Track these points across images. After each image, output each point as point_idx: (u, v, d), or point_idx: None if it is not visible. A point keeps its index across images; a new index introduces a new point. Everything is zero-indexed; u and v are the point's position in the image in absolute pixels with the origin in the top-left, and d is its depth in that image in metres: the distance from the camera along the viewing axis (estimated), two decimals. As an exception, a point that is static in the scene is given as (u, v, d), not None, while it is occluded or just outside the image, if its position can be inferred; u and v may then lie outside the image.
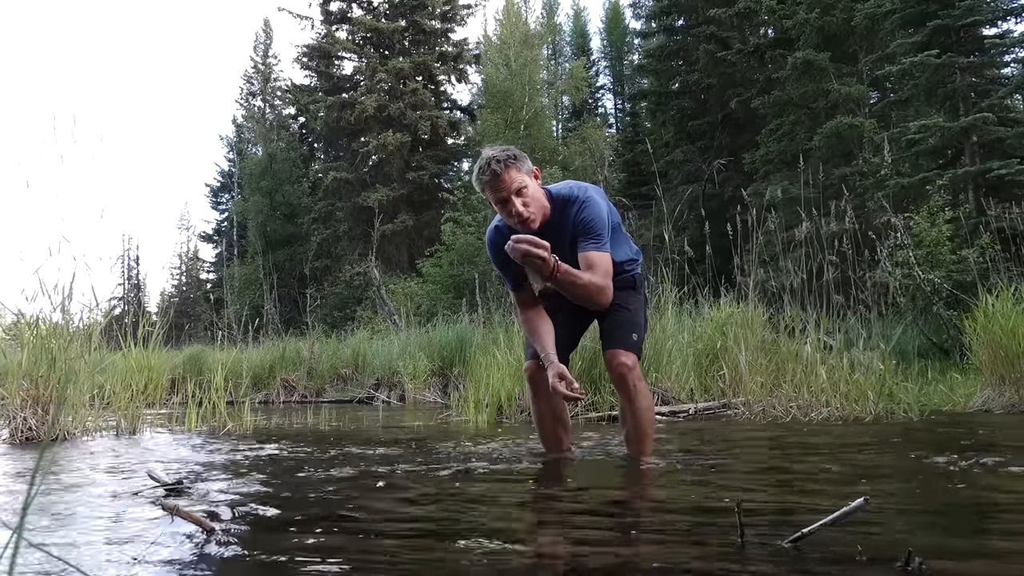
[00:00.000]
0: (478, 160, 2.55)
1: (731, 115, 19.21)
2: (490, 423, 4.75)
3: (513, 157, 2.51)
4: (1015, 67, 12.96)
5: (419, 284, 18.58)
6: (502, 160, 2.48)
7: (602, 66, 36.28)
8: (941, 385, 5.56)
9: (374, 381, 9.56)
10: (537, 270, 2.37)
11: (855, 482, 2.19)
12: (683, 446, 3.20)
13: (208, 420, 4.70)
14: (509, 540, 1.52)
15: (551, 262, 2.35)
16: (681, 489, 2.13)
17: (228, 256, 33.01)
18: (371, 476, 2.42)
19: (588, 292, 2.47)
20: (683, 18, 21.67)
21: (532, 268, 2.37)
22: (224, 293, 26.24)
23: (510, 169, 2.48)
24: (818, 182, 7.07)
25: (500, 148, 2.56)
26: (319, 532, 1.61)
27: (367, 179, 24.81)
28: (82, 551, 1.42)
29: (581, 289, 2.46)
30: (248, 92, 35.95)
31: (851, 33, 14.95)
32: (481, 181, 2.52)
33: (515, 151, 2.56)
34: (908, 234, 8.84)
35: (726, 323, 5.18)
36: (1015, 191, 10.62)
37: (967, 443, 3.17)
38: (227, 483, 2.37)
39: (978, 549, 1.40)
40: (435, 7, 26.38)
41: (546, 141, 26.18)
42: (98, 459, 3.10)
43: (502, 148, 2.56)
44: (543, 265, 2.34)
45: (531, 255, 2.31)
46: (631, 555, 1.39)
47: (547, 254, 2.32)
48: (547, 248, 2.33)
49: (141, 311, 26.44)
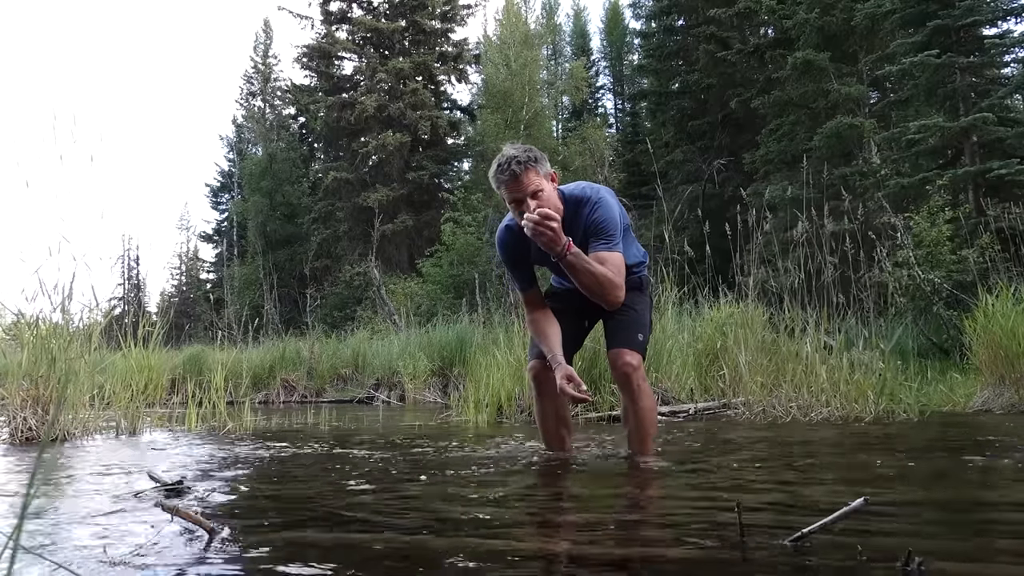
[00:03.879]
0: (498, 157, 2.53)
1: (731, 115, 19.22)
2: (490, 423, 4.76)
3: (534, 159, 2.49)
4: (1015, 67, 12.97)
5: (419, 284, 18.59)
6: (523, 161, 2.46)
7: (602, 66, 36.31)
8: (941, 385, 5.56)
9: (374, 381, 9.56)
10: (548, 246, 2.39)
11: (855, 482, 2.19)
12: (683, 446, 3.20)
13: (208, 420, 4.71)
14: (510, 539, 1.52)
15: (562, 238, 2.38)
16: (682, 488, 2.13)
17: (228, 256, 33.02)
18: (371, 476, 2.42)
19: (600, 283, 2.47)
20: (683, 18, 21.71)
21: (543, 242, 2.38)
22: (224, 293, 26.25)
23: (529, 172, 2.46)
24: (818, 182, 7.08)
25: (521, 148, 2.52)
26: (319, 532, 1.61)
27: (367, 179, 24.82)
28: (81, 552, 1.42)
29: (592, 278, 2.46)
30: (248, 92, 35.99)
31: (851, 33, 14.95)
32: (499, 179, 2.51)
33: (536, 152, 2.53)
34: (908, 234, 8.85)
35: (726, 323, 5.19)
36: (1015, 191, 10.63)
37: (967, 443, 3.17)
38: (227, 483, 2.37)
39: (978, 549, 1.40)
40: (435, 7, 26.38)
41: (546, 141, 26.17)
42: (98, 459, 3.10)
43: (524, 148, 2.52)
44: (554, 239, 2.36)
45: (542, 225, 2.34)
46: (632, 554, 1.40)
47: (558, 226, 2.36)
48: (558, 220, 2.36)
49: (141, 311, 26.43)
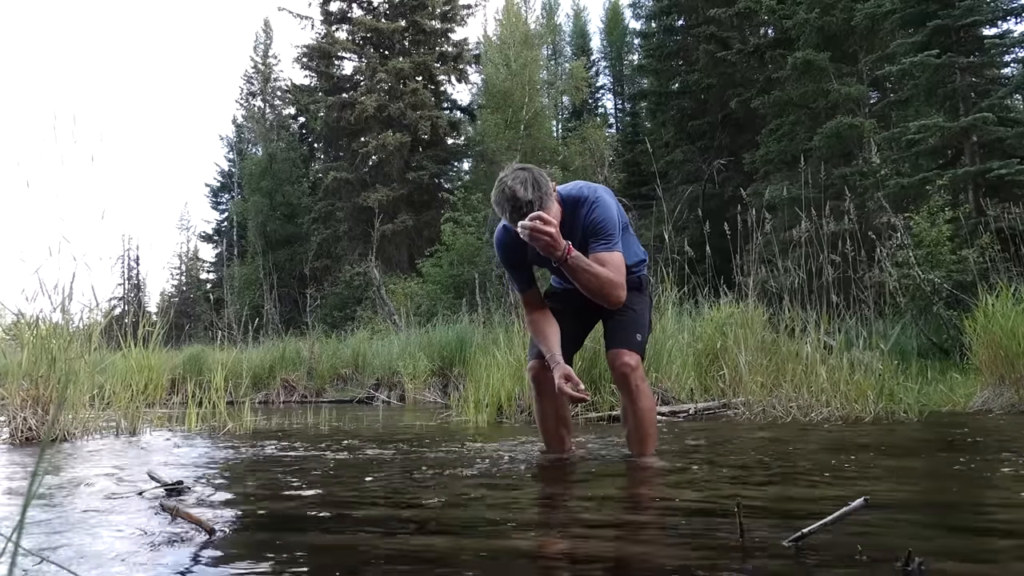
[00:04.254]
0: (507, 195, 2.38)
1: (731, 115, 19.23)
2: (490, 423, 4.75)
3: (546, 195, 2.38)
4: (1015, 67, 12.97)
5: (419, 284, 18.59)
6: (535, 203, 2.34)
7: (602, 66, 36.32)
8: (941, 385, 5.56)
9: (374, 381, 9.56)
10: (547, 251, 2.36)
11: (855, 482, 2.19)
12: (683, 446, 3.20)
13: (208, 420, 4.71)
14: (510, 538, 1.52)
15: (561, 243, 2.35)
16: (681, 488, 2.13)
17: (228, 256, 33.03)
18: (371, 476, 2.42)
19: (600, 283, 2.46)
20: (683, 18, 21.72)
21: (541, 247, 2.36)
22: (224, 293, 26.22)
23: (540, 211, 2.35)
24: (818, 182, 7.08)
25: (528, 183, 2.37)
26: (319, 532, 1.61)
27: (367, 179, 24.81)
28: (81, 552, 1.42)
29: (593, 279, 2.45)
30: (248, 92, 36.00)
31: (851, 33, 14.95)
32: (511, 218, 2.41)
33: (542, 186, 2.39)
34: (908, 234, 8.84)
35: (726, 323, 5.19)
36: (1015, 191, 10.63)
37: (967, 443, 3.17)
38: (227, 483, 2.37)
39: (978, 549, 1.40)
40: (435, 7, 26.37)
41: (546, 141, 26.22)
42: (98, 459, 3.10)
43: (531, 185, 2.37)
44: (553, 244, 2.34)
45: (539, 231, 2.31)
46: (632, 554, 1.40)
47: (555, 231, 2.32)
48: (555, 226, 2.33)
49: (141, 311, 26.42)
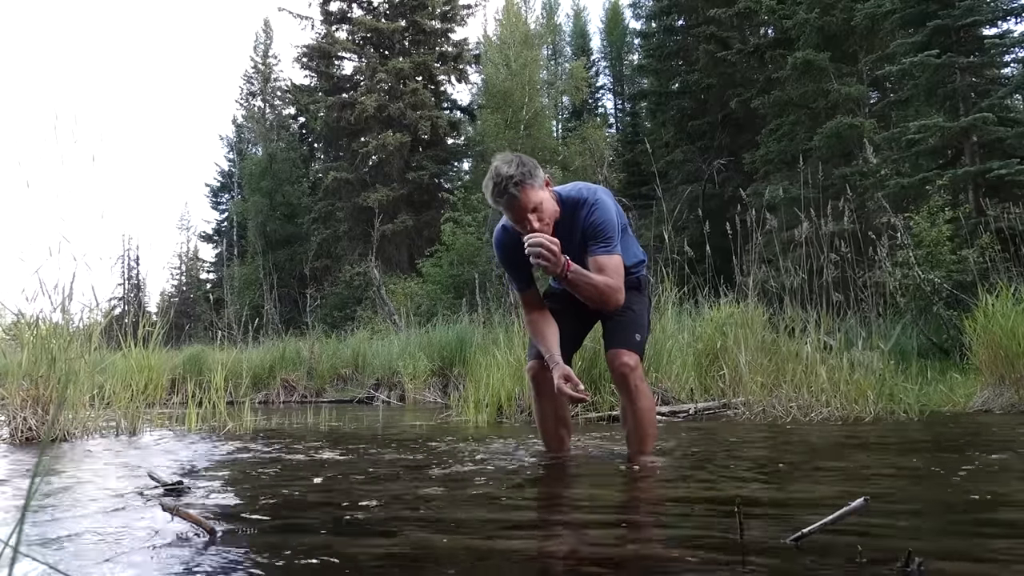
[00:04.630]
0: (491, 174, 2.46)
1: (731, 115, 19.22)
2: (490, 423, 4.75)
3: (528, 174, 2.43)
4: (1015, 67, 12.97)
5: (419, 284, 18.59)
6: (519, 182, 2.40)
7: (602, 66, 36.32)
8: (941, 385, 5.56)
9: (374, 381, 9.56)
10: (548, 269, 2.43)
11: (855, 482, 2.19)
12: (683, 446, 3.20)
13: (208, 420, 4.70)
14: (510, 539, 1.52)
15: (562, 261, 2.41)
16: (681, 488, 2.13)
17: (228, 256, 33.02)
18: (371, 476, 2.42)
19: (599, 292, 2.49)
20: (683, 18, 21.72)
21: (543, 266, 2.43)
22: (224, 293, 26.20)
23: (526, 190, 2.42)
24: (818, 182, 7.07)
25: (513, 162, 2.45)
26: (319, 532, 1.61)
27: (367, 179, 24.82)
28: (81, 552, 1.42)
29: (592, 289, 2.48)
30: (248, 92, 35.99)
31: (851, 33, 14.95)
32: (497, 202, 2.47)
33: (527, 164, 2.46)
34: (908, 234, 8.84)
35: (726, 323, 5.19)
36: (1015, 191, 10.63)
37: (967, 443, 3.17)
38: (227, 483, 2.37)
39: (978, 549, 1.40)
40: (435, 7, 26.38)
41: (546, 141, 26.19)
42: (98, 459, 3.10)
43: (516, 162, 2.45)
44: (554, 263, 2.39)
45: (542, 257, 2.38)
46: (632, 553, 1.40)
47: (557, 249, 2.39)
48: (558, 246, 2.39)
49: (141, 311, 26.40)
